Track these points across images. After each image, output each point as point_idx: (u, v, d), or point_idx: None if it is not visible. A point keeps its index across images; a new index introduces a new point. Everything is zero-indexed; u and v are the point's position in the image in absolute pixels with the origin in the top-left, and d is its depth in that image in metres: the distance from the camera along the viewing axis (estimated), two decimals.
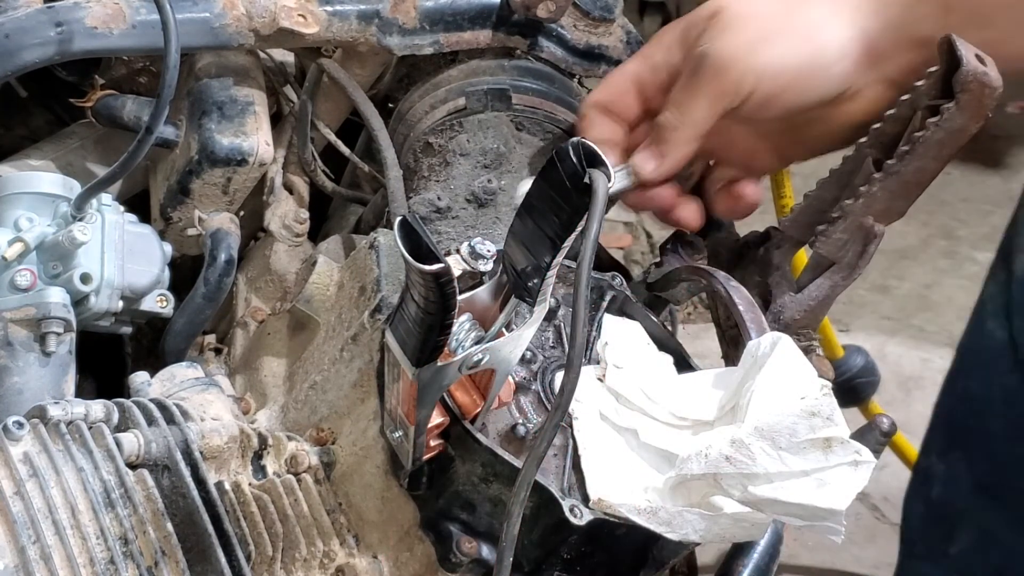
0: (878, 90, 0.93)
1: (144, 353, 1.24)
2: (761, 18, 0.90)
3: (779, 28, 0.89)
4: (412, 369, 0.74)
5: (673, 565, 0.91)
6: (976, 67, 0.84)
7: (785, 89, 0.90)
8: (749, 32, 0.89)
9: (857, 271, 0.94)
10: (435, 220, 1.02)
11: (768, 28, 0.89)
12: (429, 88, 1.11)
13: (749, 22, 0.90)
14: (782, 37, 0.89)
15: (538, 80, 1.11)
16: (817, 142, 0.97)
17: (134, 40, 1.02)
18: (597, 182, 0.67)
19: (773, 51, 0.89)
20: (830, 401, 0.75)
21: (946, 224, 2.66)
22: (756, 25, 0.89)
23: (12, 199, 1.04)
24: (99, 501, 0.80)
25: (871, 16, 0.90)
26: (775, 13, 0.90)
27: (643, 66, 0.97)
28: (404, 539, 0.87)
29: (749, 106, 0.91)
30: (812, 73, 0.90)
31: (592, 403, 0.86)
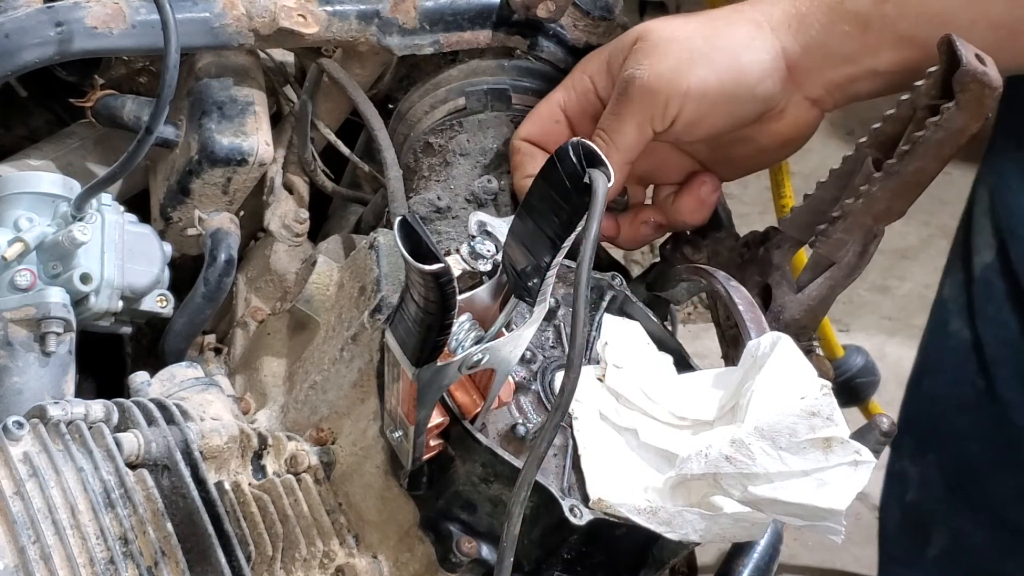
0: (802, 108, 0.95)
1: (144, 353, 1.24)
2: (684, 41, 0.91)
3: (702, 50, 0.91)
4: (412, 369, 0.74)
5: (673, 565, 0.91)
6: (976, 67, 0.84)
7: (711, 110, 0.92)
8: (673, 56, 0.91)
9: (857, 271, 0.94)
10: (435, 220, 1.02)
11: (692, 51, 0.91)
12: (429, 88, 1.11)
13: (673, 46, 0.91)
14: (705, 59, 0.91)
15: (538, 80, 1.11)
16: (747, 160, 1.00)
17: (134, 40, 1.02)
18: (597, 182, 0.67)
19: (697, 73, 0.90)
20: (830, 401, 0.75)
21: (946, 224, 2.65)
22: (680, 48, 0.91)
23: (12, 199, 1.04)
24: (99, 501, 0.80)
25: (791, 36, 0.92)
26: (698, 36, 0.92)
27: (570, 95, 0.99)
28: (404, 539, 0.87)
29: (676, 129, 0.93)
30: (736, 94, 0.92)
31: (592, 403, 0.86)
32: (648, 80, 0.90)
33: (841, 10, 0.91)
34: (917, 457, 1.17)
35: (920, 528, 1.18)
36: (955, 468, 1.12)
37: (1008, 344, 1.04)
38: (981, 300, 1.06)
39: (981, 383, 1.07)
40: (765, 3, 0.94)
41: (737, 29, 0.93)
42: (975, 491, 1.10)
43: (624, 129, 0.92)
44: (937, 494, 1.15)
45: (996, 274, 1.05)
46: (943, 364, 1.12)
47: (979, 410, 1.08)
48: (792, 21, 0.92)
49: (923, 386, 1.16)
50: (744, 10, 0.94)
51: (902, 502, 1.20)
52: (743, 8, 0.94)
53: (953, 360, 1.10)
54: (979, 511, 1.11)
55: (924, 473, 1.16)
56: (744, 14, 0.94)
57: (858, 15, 0.91)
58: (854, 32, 0.91)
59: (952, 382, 1.10)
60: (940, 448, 1.14)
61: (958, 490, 1.12)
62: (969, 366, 1.08)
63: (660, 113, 0.91)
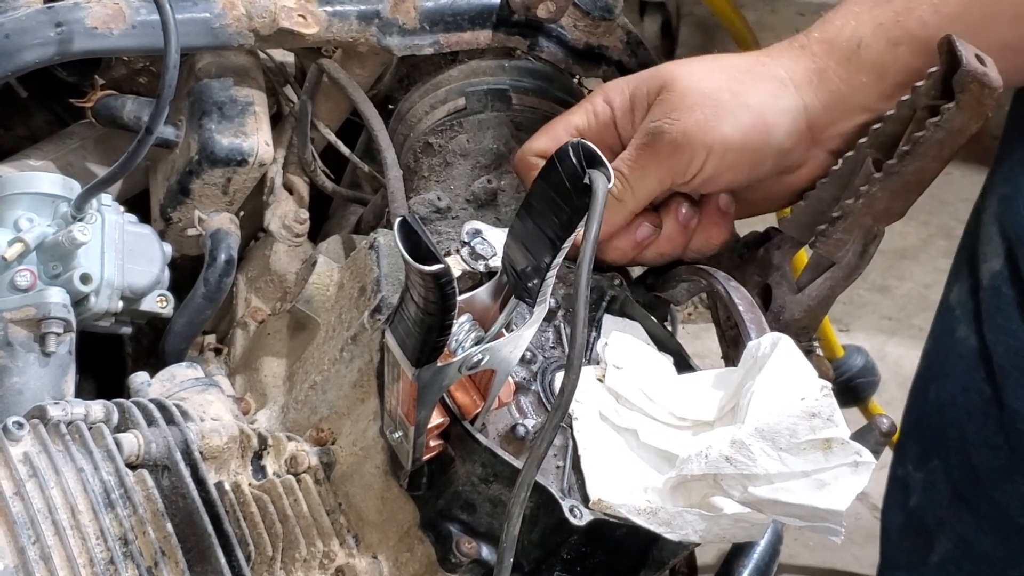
0: (819, 160, 0.95)
1: (144, 353, 1.24)
2: (711, 96, 0.91)
3: (729, 107, 0.91)
4: (412, 369, 0.74)
5: (673, 565, 0.91)
6: (976, 67, 0.84)
7: (732, 167, 0.92)
8: (700, 111, 0.90)
9: (857, 271, 0.94)
10: (435, 220, 1.02)
11: (718, 107, 0.91)
12: (429, 88, 1.11)
13: (700, 99, 0.91)
14: (732, 117, 0.90)
15: (538, 80, 1.11)
16: (757, 207, 1.00)
17: (134, 40, 1.02)
18: (597, 183, 0.67)
19: (723, 131, 0.90)
20: (830, 402, 0.75)
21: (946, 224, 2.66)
22: (707, 103, 0.91)
23: (12, 199, 1.04)
24: (99, 501, 0.80)
25: (812, 94, 0.92)
26: (724, 90, 0.91)
27: (589, 120, 0.98)
28: (404, 539, 0.87)
29: (695, 183, 0.93)
30: (760, 152, 0.92)
31: (592, 403, 0.86)
32: (676, 136, 0.90)
33: (858, 60, 0.91)
34: (921, 463, 1.17)
35: (923, 534, 1.17)
36: (961, 475, 1.11)
37: (1017, 353, 1.03)
38: (989, 308, 1.06)
39: (988, 391, 1.07)
40: (786, 57, 0.94)
41: (763, 86, 0.92)
42: (981, 498, 1.10)
43: (645, 180, 0.92)
44: (942, 500, 1.14)
45: (1005, 282, 1.04)
46: (950, 371, 1.12)
47: (986, 417, 1.07)
48: (813, 77, 0.92)
49: (929, 392, 1.15)
50: (767, 64, 0.94)
51: (905, 507, 1.20)
52: (766, 61, 0.94)
53: (960, 367, 1.10)
54: (985, 518, 1.11)
55: (928, 479, 1.16)
56: (768, 68, 0.93)
57: (874, 63, 0.91)
58: (871, 82, 0.91)
59: (959, 389, 1.10)
60: (946, 454, 1.13)
61: (963, 497, 1.12)
62: (976, 373, 1.08)
63: (683, 169, 0.92)
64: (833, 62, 0.92)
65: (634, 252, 0.97)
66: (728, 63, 0.94)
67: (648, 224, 0.96)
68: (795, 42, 0.94)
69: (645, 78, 0.95)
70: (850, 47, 0.92)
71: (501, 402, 0.84)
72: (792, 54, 0.94)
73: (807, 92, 0.92)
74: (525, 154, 0.99)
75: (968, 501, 1.12)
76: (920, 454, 1.18)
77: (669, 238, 0.97)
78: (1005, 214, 1.05)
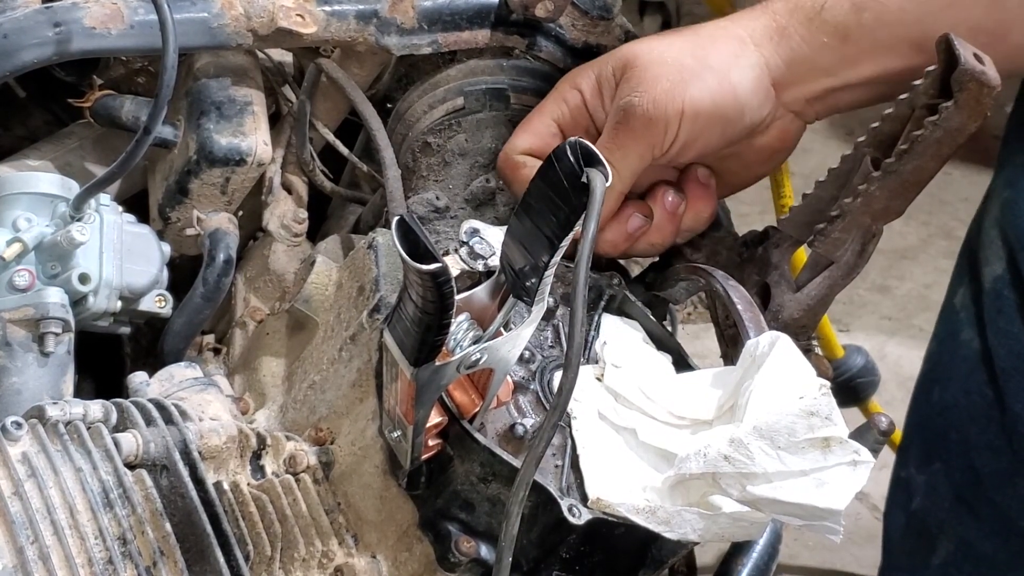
0: (785, 121, 0.96)
1: (143, 353, 1.24)
2: (674, 63, 0.92)
3: (693, 70, 0.92)
4: (410, 369, 0.74)
5: (672, 564, 0.91)
6: (974, 66, 0.84)
7: (704, 130, 0.93)
8: (665, 78, 0.91)
9: (856, 270, 0.94)
10: (433, 220, 1.01)
11: (682, 71, 0.91)
12: (427, 88, 1.11)
13: (664, 68, 0.92)
14: (697, 79, 0.91)
15: (536, 80, 1.11)
16: (734, 176, 1.01)
17: (132, 40, 1.02)
18: (595, 181, 0.67)
19: (691, 93, 0.91)
20: (829, 401, 0.75)
21: (946, 224, 2.66)
22: (670, 70, 0.92)
23: (10, 199, 1.04)
24: (97, 501, 0.80)
25: (773, 51, 0.93)
26: (686, 55, 0.92)
27: (563, 109, 0.99)
28: (403, 539, 0.87)
29: (672, 151, 0.93)
30: (728, 111, 0.93)
31: (591, 402, 0.86)
32: (647, 108, 0.91)
33: (820, 21, 0.92)
34: (924, 465, 1.17)
35: (925, 536, 1.17)
36: (963, 478, 1.11)
37: (1019, 356, 1.04)
38: (991, 312, 1.06)
39: (991, 394, 1.07)
40: (746, 18, 0.95)
41: (723, 46, 0.93)
42: (983, 501, 1.10)
43: (627, 158, 0.93)
44: (943, 503, 1.14)
45: (1007, 286, 1.04)
46: (952, 373, 1.12)
47: (988, 420, 1.07)
48: (773, 35, 0.93)
49: (932, 395, 1.15)
50: (727, 26, 0.95)
51: (907, 509, 1.20)
52: (725, 24, 0.95)
53: (963, 370, 1.10)
54: (986, 521, 1.11)
55: (930, 481, 1.16)
56: (727, 30, 0.95)
57: (837, 26, 0.92)
58: (833, 44, 0.92)
59: (961, 392, 1.10)
60: (948, 457, 1.13)
61: (965, 499, 1.12)
62: (979, 376, 1.08)
63: (660, 139, 0.92)
64: (795, 21, 0.93)
65: (626, 244, 0.97)
66: (688, 31, 0.96)
67: (639, 215, 0.96)
68: (759, 5, 0.95)
69: (607, 59, 0.96)
70: (813, 8, 0.92)
71: (499, 401, 0.84)
72: (752, 14, 0.95)
73: (767, 48, 0.93)
74: (510, 152, 0.99)
75: (970, 504, 1.12)
76: (922, 456, 1.18)
77: (659, 228, 0.97)
78: (1006, 218, 1.05)
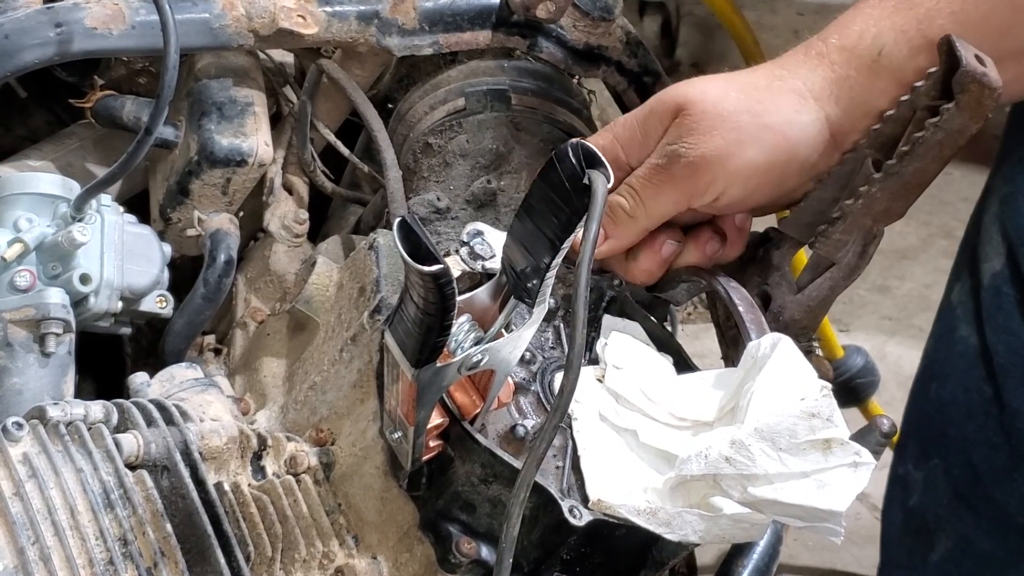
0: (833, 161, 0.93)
1: (144, 354, 1.24)
2: (730, 119, 0.88)
3: (750, 130, 0.88)
4: (411, 370, 0.74)
5: (673, 566, 0.91)
6: (975, 68, 0.84)
7: (758, 188, 0.90)
8: (720, 136, 0.88)
9: (857, 272, 0.94)
10: (434, 221, 1.01)
11: (739, 130, 0.88)
12: (429, 89, 1.11)
13: (718, 123, 0.88)
14: (754, 140, 0.88)
15: (537, 81, 1.11)
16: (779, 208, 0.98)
17: (133, 41, 1.02)
18: (596, 183, 0.67)
19: (746, 155, 0.88)
20: (830, 402, 0.75)
21: (946, 224, 2.65)
22: (727, 127, 0.88)
23: (12, 200, 1.04)
24: (98, 502, 0.80)
25: (833, 102, 0.90)
26: (743, 111, 0.88)
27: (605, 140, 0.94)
28: (403, 540, 0.87)
29: (719, 204, 0.91)
30: (784, 170, 0.90)
31: (592, 404, 0.86)
32: (694, 160, 0.87)
33: (878, 68, 0.89)
34: (922, 462, 1.17)
35: (923, 533, 1.17)
36: (961, 474, 1.11)
37: (1017, 352, 1.03)
38: (990, 308, 1.06)
39: (989, 390, 1.06)
40: (803, 68, 0.91)
41: (782, 101, 0.90)
42: (982, 497, 1.10)
43: (660, 201, 0.90)
44: (942, 499, 1.14)
45: (1006, 282, 1.04)
46: (950, 370, 1.12)
47: (987, 417, 1.07)
48: (833, 87, 0.90)
49: (929, 391, 1.15)
50: (784, 77, 0.91)
51: (905, 506, 1.20)
52: (782, 75, 0.91)
53: (961, 366, 1.10)
54: (985, 517, 1.11)
55: (929, 478, 1.16)
56: (785, 83, 0.91)
57: (895, 71, 0.89)
58: (890, 87, 0.89)
59: (960, 388, 1.10)
60: (946, 453, 1.13)
61: (964, 496, 1.12)
62: (977, 372, 1.08)
63: (701, 192, 0.89)
64: (853, 70, 0.90)
65: (660, 270, 0.95)
66: (744, 80, 0.91)
67: (671, 241, 0.94)
68: (811, 49, 0.92)
69: (655, 105, 0.92)
70: (871, 55, 0.89)
71: (500, 402, 0.84)
72: (810, 64, 0.91)
73: (828, 103, 0.90)
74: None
75: (968, 500, 1.12)
76: (920, 453, 1.18)
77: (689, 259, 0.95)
78: (1006, 214, 1.05)
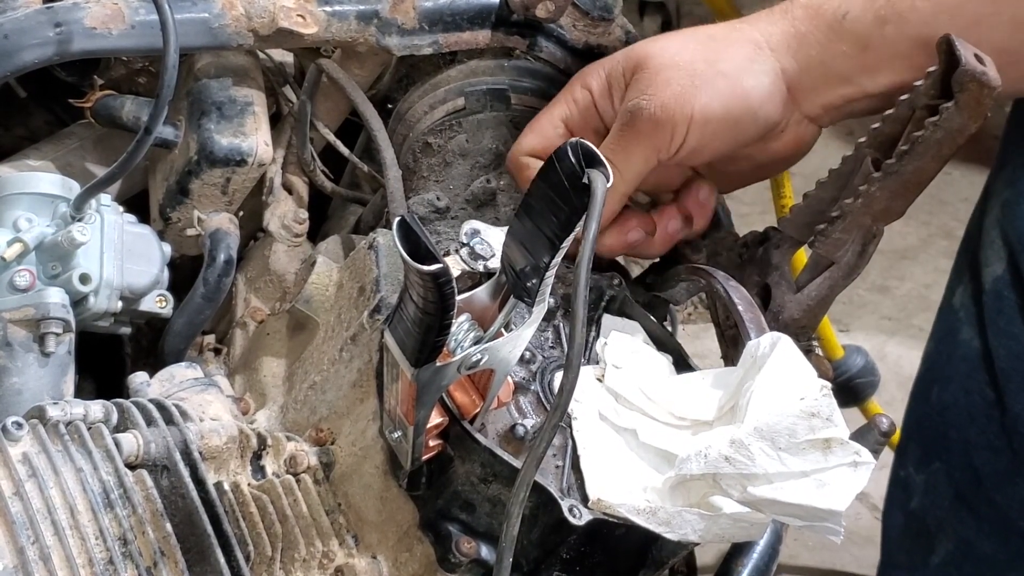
0: (800, 126, 0.95)
1: (143, 353, 1.24)
2: (686, 67, 0.91)
3: (705, 76, 0.91)
4: (411, 369, 0.74)
5: (672, 565, 0.91)
6: (975, 66, 0.84)
7: (714, 136, 0.92)
8: (676, 83, 0.90)
9: (856, 271, 0.94)
10: (434, 220, 1.01)
11: (694, 77, 0.90)
12: (428, 88, 1.11)
13: (675, 72, 0.91)
14: (709, 85, 0.90)
15: (537, 80, 1.11)
16: (744, 176, 1.01)
17: (133, 40, 1.02)
18: (596, 182, 0.67)
19: (701, 100, 0.90)
20: (830, 402, 0.75)
21: (946, 224, 2.66)
22: (682, 75, 0.91)
23: (11, 199, 1.04)
24: (98, 502, 0.80)
25: (789, 56, 0.92)
26: (699, 60, 0.91)
27: (571, 108, 0.98)
28: (403, 539, 0.87)
29: (680, 155, 0.93)
30: (740, 118, 0.92)
31: (591, 403, 0.86)
32: (654, 111, 0.90)
33: (840, 30, 0.91)
34: (923, 465, 1.17)
35: (924, 536, 1.17)
36: (962, 477, 1.11)
37: (1019, 357, 1.03)
38: (992, 312, 1.06)
39: (991, 394, 1.06)
40: (763, 21, 0.94)
41: (737, 51, 0.92)
42: (982, 501, 1.10)
43: (631, 160, 0.92)
44: (943, 502, 1.14)
45: (1007, 286, 1.04)
46: (952, 373, 1.12)
47: (988, 420, 1.07)
48: (792, 41, 0.92)
49: (931, 394, 1.15)
50: (743, 29, 0.94)
51: (906, 509, 1.20)
52: (742, 27, 0.94)
53: (962, 369, 1.10)
54: (986, 521, 1.11)
55: (930, 481, 1.16)
56: (743, 33, 0.93)
57: (858, 36, 0.91)
58: (852, 52, 0.91)
59: (961, 391, 1.10)
60: (948, 457, 1.13)
61: (965, 499, 1.12)
62: (979, 376, 1.07)
63: (667, 143, 0.91)
64: (814, 27, 0.91)
65: (621, 251, 0.98)
66: (703, 33, 0.94)
67: (640, 230, 0.97)
68: (776, 8, 0.94)
69: (620, 59, 0.95)
70: (835, 17, 0.91)
71: (500, 402, 0.84)
72: (771, 18, 0.94)
73: (784, 56, 0.92)
74: (516, 154, 0.99)
75: (969, 503, 1.12)
76: (921, 456, 1.18)
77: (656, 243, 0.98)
78: (1007, 218, 1.05)
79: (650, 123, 0.91)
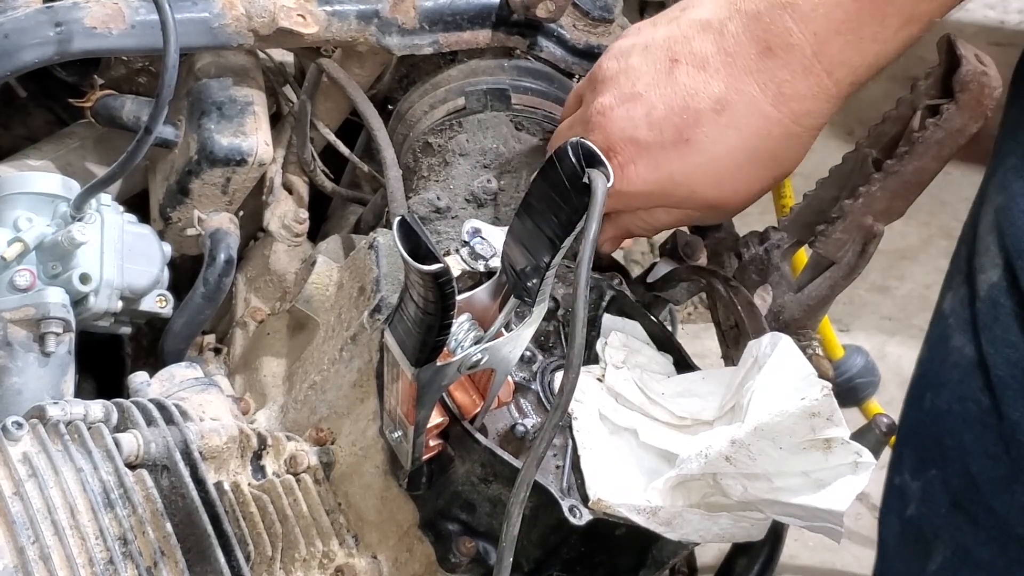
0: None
1: (143, 353, 1.24)
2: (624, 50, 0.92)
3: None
4: (411, 369, 0.74)
5: (673, 565, 0.91)
6: (976, 67, 0.84)
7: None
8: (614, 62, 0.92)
9: (857, 271, 0.94)
10: (434, 220, 1.01)
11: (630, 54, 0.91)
12: (428, 88, 1.11)
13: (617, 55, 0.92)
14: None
15: (537, 80, 1.11)
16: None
17: (133, 40, 1.02)
18: (596, 182, 0.67)
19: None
20: (830, 402, 0.75)
21: (947, 224, 2.65)
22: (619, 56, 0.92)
23: (11, 199, 1.04)
24: (98, 501, 0.80)
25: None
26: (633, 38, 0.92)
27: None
28: (403, 539, 0.87)
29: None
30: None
31: (592, 403, 0.86)
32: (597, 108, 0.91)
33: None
34: (918, 472, 1.17)
35: (921, 543, 1.17)
36: (959, 484, 1.11)
37: (1016, 364, 1.03)
38: (987, 319, 1.05)
39: (986, 401, 1.06)
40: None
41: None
42: (980, 507, 1.10)
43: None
44: (939, 509, 1.14)
45: (1003, 293, 1.04)
46: (945, 379, 1.11)
47: (984, 428, 1.07)
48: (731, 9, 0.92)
49: (925, 401, 1.15)
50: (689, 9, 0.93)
51: (902, 516, 1.20)
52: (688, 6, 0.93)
53: (956, 376, 1.09)
54: (984, 528, 1.10)
55: (926, 488, 1.15)
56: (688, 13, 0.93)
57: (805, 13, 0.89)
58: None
59: (955, 398, 1.09)
60: (943, 464, 1.13)
61: (962, 506, 1.11)
62: (973, 382, 1.07)
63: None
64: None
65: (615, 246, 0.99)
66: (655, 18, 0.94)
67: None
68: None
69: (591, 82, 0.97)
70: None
71: (500, 402, 0.84)
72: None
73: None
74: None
75: (967, 510, 1.11)
76: (917, 463, 1.17)
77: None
78: (1002, 224, 1.04)
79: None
